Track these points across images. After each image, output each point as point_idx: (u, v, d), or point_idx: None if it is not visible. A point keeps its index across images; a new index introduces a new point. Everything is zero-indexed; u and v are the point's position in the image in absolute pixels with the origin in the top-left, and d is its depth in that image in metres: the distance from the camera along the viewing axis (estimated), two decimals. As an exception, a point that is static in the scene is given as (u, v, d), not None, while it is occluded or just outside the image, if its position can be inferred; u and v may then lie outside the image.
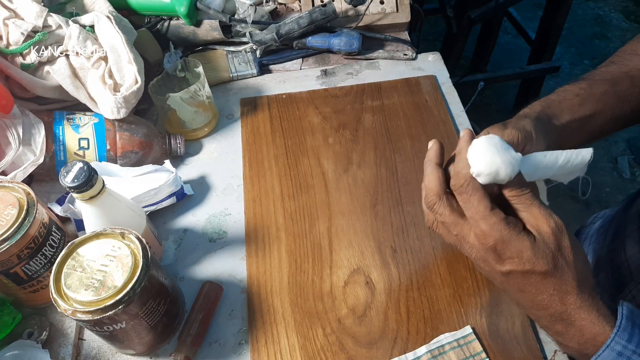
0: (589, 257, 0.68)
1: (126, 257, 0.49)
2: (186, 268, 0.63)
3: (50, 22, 0.68)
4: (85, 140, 0.67)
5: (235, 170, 0.74)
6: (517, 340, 0.54)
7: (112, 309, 0.46)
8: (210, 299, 0.58)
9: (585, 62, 2.49)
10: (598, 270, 0.66)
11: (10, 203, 0.52)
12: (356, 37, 0.86)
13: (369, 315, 0.57)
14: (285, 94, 0.83)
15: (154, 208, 0.65)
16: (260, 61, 0.88)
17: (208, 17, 0.85)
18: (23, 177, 0.61)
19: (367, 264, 0.62)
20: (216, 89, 0.85)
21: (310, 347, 0.55)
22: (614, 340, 0.38)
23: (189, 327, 0.56)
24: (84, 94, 0.68)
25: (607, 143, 2.02)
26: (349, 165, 0.72)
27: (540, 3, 1.91)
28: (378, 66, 0.88)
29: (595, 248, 0.70)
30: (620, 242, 0.61)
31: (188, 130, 0.76)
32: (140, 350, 0.55)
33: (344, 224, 0.66)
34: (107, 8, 0.74)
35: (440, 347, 0.54)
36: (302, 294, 0.59)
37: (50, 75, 0.67)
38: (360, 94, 0.82)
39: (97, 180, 0.50)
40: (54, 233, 0.55)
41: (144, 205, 0.64)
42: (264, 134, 0.78)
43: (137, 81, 0.67)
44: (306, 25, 0.84)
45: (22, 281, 0.54)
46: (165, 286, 0.53)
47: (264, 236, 0.65)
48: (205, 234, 0.66)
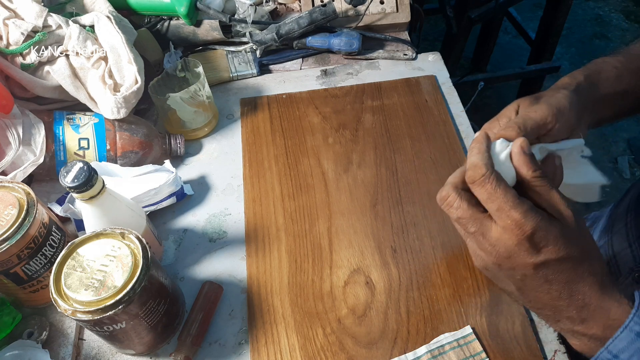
0: None
1: (126, 257, 0.49)
2: (186, 268, 0.63)
3: (50, 22, 0.68)
4: (85, 140, 0.67)
5: (235, 170, 0.73)
6: (517, 340, 0.54)
7: (112, 309, 0.46)
8: (210, 299, 0.58)
9: (585, 62, 2.48)
10: None
11: (10, 203, 0.52)
12: (356, 37, 0.86)
13: (369, 315, 0.57)
14: (285, 94, 0.83)
15: (154, 208, 0.65)
16: (260, 61, 0.88)
17: (208, 17, 0.85)
18: (23, 177, 0.61)
19: (367, 264, 0.62)
20: (216, 89, 0.85)
21: (310, 347, 0.55)
22: (632, 320, 0.37)
23: (189, 327, 0.56)
24: (84, 94, 0.68)
25: (607, 143, 2.02)
26: (349, 165, 0.72)
27: (540, 3, 1.91)
28: (378, 66, 0.88)
29: None
30: (609, 239, 0.62)
31: (188, 130, 0.76)
32: (140, 350, 0.55)
33: (344, 224, 0.66)
34: (107, 8, 0.74)
35: (440, 347, 0.54)
36: (302, 294, 0.59)
37: (50, 75, 0.67)
38: (360, 94, 0.82)
39: (97, 180, 0.50)
40: (54, 233, 0.55)
41: (143, 205, 0.64)
42: (264, 134, 0.78)
43: (137, 81, 0.67)
44: (306, 25, 0.84)
45: (22, 281, 0.54)
46: (165, 286, 0.53)
47: (264, 236, 0.65)
48: (205, 234, 0.66)
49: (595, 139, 2.00)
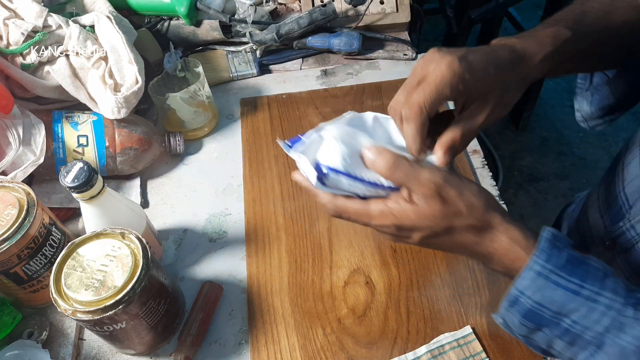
0: (565, 231, 0.73)
1: (126, 257, 0.49)
2: (186, 268, 0.63)
3: (50, 22, 0.68)
4: (84, 137, 0.67)
5: (235, 170, 0.73)
6: (517, 340, 0.54)
7: (112, 309, 0.46)
8: (210, 299, 0.58)
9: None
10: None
11: (10, 203, 0.52)
12: (356, 37, 0.86)
13: (369, 315, 0.57)
14: (285, 94, 0.83)
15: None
16: (260, 61, 0.88)
17: (208, 17, 0.85)
18: (23, 177, 0.60)
19: (367, 264, 0.62)
20: (216, 89, 0.85)
21: (310, 347, 0.55)
22: (532, 260, 0.39)
23: (189, 327, 0.56)
24: (84, 94, 0.68)
25: (607, 143, 2.01)
26: (349, 165, 0.72)
27: (540, 3, 1.91)
28: (378, 66, 0.88)
29: (569, 224, 0.74)
30: (584, 211, 0.65)
31: (188, 130, 0.76)
32: (140, 350, 0.55)
33: (344, 224, 0.66)
34: (107, 8, 0.74)
35: (440, 347, 0.54)
36: (302, 294, 0.59)
37: (50, 75, 0.67)
38: (360, 94, 0.82)
39: (97, 180, 0.50)
40: (54, 233, 0.55)
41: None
42: (264, 134, 0.78)
43: (137, 81, 0.67)
44: (306, 25, 0.84)
45: (22, 281, 0.54)
46: (165, 286, 0.53)
47: (264, 236, 0.65)
48: (205, 234, 0.66)
49: (595, 139, 2.00)
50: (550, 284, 0.39)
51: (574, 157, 1.96)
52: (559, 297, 0.38)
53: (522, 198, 1.86)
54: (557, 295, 0.39)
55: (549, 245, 0.40)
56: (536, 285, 0.39)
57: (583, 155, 1.95)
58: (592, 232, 0.62)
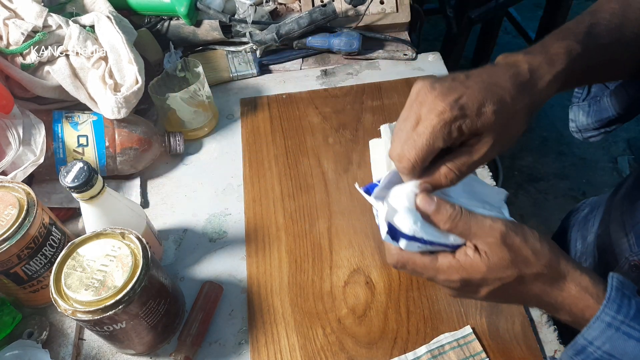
0: (577, 243, 0.70)
1: (126, 257, 0.49)
2: (186, 268, 0.63)
3: (50, 22, 0.68)
4: (84, 137, 0.67)
5: (235, 170, 0.73)
6: (517, 340, 0.54)
7: (112, 309, 0.46)
8: (210, 299, 0.58)
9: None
10: (585, 255, 0.66)
11: (10, 203, 0.52)
12: (356, 37, 0.86)
13: (369, 315, 0.57)
14: (285, 94, 0.83)
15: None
16: (260, 61, 0.88)
17: (208, 17, 0.85)
18: (23, 177, 0.60)
19: (367, 264, 0.62)
20: (216, 89, 0.85)
21: (310, 347, 0.55)
22: (603, 312, 0.39)
23: (189, 327, 0.56)
24: (84, 94, 0.68)
25: (607, 143, 2.02)
26: (349, 165, 0.72)
27: (540, 3, 1.91)
28: (378, 66, 0.88)
29: (583, 234, 0.71)
30: (606, 227, 0.62)
31: (188, 130, 0.76)
32: (140, 350, 0.55)
33: (344, 224, 0.66)
34: (107, 8, 0.74)
35: (440, 347, 0.54)
36: (302, 294, 0.59)
37: (50, 75, 0.67)
38: (360, 94, 0.82)
39: (97, 180, 0.50)
40: (54, 233, 0.55)
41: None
42: (264, 134, 0.78)
43: (137, 81, 0.67)
44: (306, 25, 0.84)
45: (22, 281, 0.54)
46: (165, 286, 0.53)
47: (264, 236, 0.65)
48: (205, 234, 0.66)
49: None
50: (622, 335, 0.38)
51: (574, 157, 1.96)
52: (631, 349, 0.38)
53: (522, 198, 1.86)
54: (629, 347, 0.38)
55: (619, 295, 0.39)
56: (606, 336, 0.39)
57: (583, 155, 1.96)
58: (615, 249, 0.59)
